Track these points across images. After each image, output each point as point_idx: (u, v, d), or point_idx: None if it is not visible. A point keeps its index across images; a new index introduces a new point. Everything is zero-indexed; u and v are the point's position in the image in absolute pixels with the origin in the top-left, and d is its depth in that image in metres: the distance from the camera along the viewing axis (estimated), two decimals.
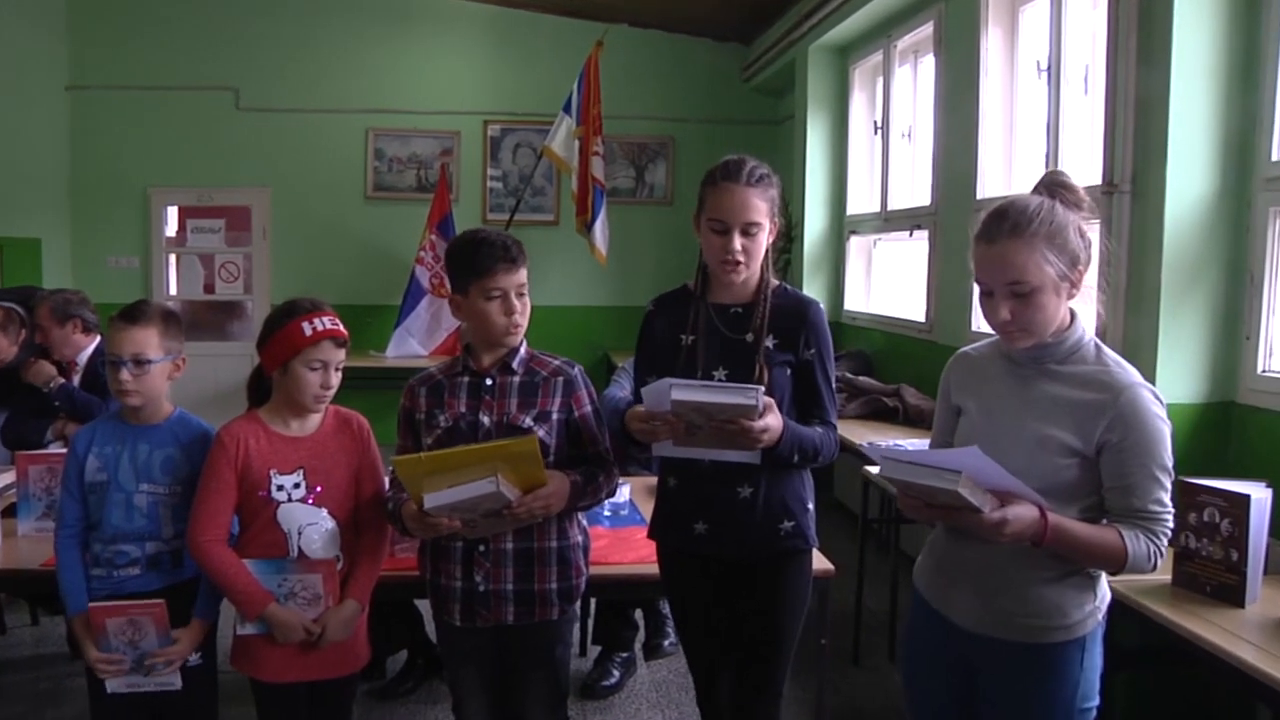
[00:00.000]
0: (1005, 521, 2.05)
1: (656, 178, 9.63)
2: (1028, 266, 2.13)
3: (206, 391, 8.47)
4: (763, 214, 2.60)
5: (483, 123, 9.37)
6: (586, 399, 2.75)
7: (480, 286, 2.63)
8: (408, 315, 8.63)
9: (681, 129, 9.58)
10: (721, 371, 2.63)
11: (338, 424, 2.84)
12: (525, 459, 2.46)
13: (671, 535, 2.81)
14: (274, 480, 2.71)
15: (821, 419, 2.68)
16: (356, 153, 9.27)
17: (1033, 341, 2.20)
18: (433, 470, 2.43)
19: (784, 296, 2.69)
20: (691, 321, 2.70)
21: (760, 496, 2.67)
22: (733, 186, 2.58)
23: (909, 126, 6.90)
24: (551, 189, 9.48)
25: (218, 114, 9.13)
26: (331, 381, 2.75)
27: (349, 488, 2.80)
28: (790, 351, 2.65)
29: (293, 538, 2.71)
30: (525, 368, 2.73)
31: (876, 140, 7.40)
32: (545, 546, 2.71)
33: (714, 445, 2.50)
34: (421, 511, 2.48)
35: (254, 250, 9.27)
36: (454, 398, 2.70)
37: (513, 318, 2.64)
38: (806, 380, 2.67)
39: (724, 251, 2.59)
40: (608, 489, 2.75)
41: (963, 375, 2.42)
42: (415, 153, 9.33)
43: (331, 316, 2.76)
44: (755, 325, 2.65)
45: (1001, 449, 2.16)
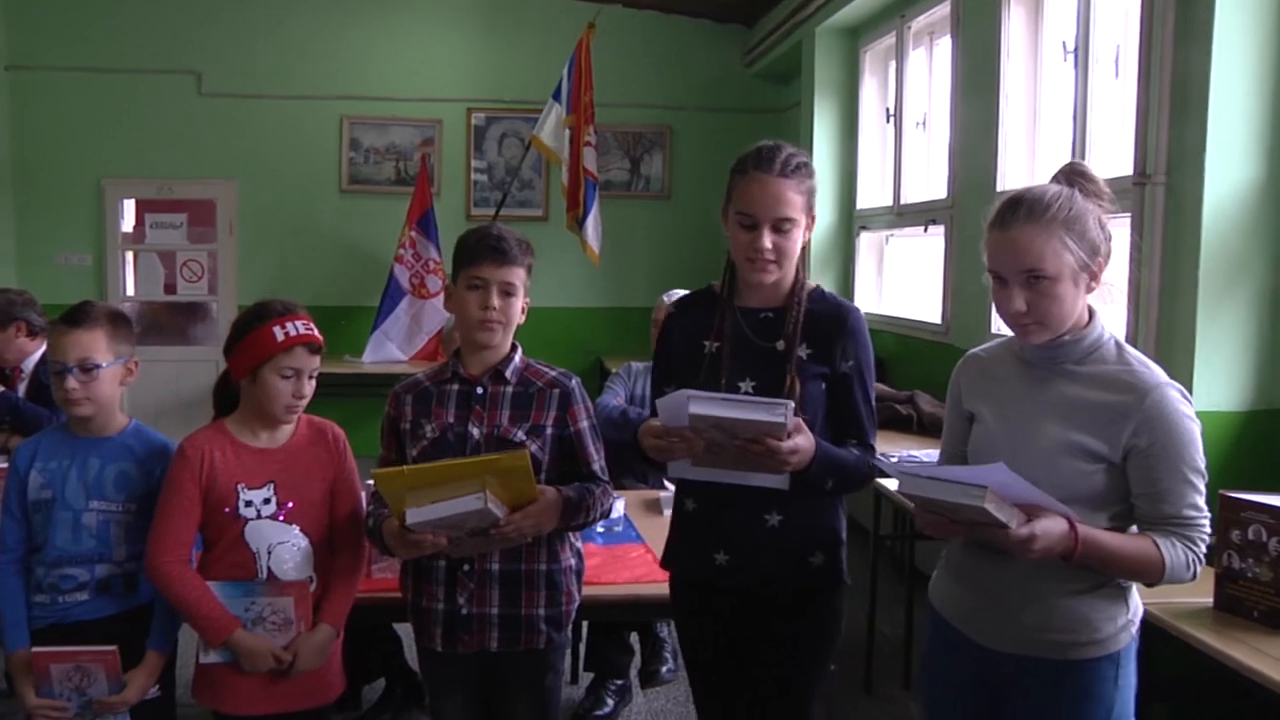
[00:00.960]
0: (1034, 537, 2.04)
1: (653, 170, 9.61)
2: (1045, 253, 2.14)
3: (166, 400, 8.43)
4: (797, 208, 2.50)
5: (466, 110, 9.34)
6: (583, 413, 2.75)
7: (465, 274, 2.67)
8: (386, 318, 8.59)
9: (679, 118, 9.56)
10: (748, 383, 2.55)
11: (311, 434, 2.83)
12: (516, 475, 2.44)
13: (688, 565, 2.72)
14: (241, 495, 2.69)
15: (859, 440, 2.59)
16: (330, 143, 9.24)
17: (1048, 336, 2.20)
18: (416, 484, 2.42)
19: (820, 301, 2.61)
20: (716, 327, 2.62)
21: (788, 525, 2.58)
22: (764, 177, 2.49)
23: (924, 114, 6.89)
24: (540, 182, 9.45)
25: (179, 100, 9.07)
26: (305, 390, 2.73)
27: (323, 503, 2.78)
28: (825, 363, 2.56)
29: (261, 558, 2.69)
30: (519, 377, 2.72)
31: (889, 129, 7.39)
32: (534, 569, 2.70)
33: (737, 466, 2.40)
34: (403, 528, 2.46)
35: (219, 248, 9.22)
36: (442, 407, 2.71)
37: (487, 311, 2.63)
38: (843, 396, 2.57)
39: (752, 249, 2.50)
40: (601, 508, 2.74)
41: (974, 379, 2.41)
42: (394, 143, 9.30)
43: (305, 320, 2.75)
44: (787, 332, 2.56)
45: (1020, 456, 2.16)
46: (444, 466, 2.45)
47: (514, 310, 2.68)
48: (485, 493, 2.40)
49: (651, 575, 3.30)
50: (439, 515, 2.41)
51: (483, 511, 2.41)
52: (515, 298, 2.67)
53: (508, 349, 2.74)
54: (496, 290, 2.64)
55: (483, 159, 9.42)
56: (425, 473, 2.44)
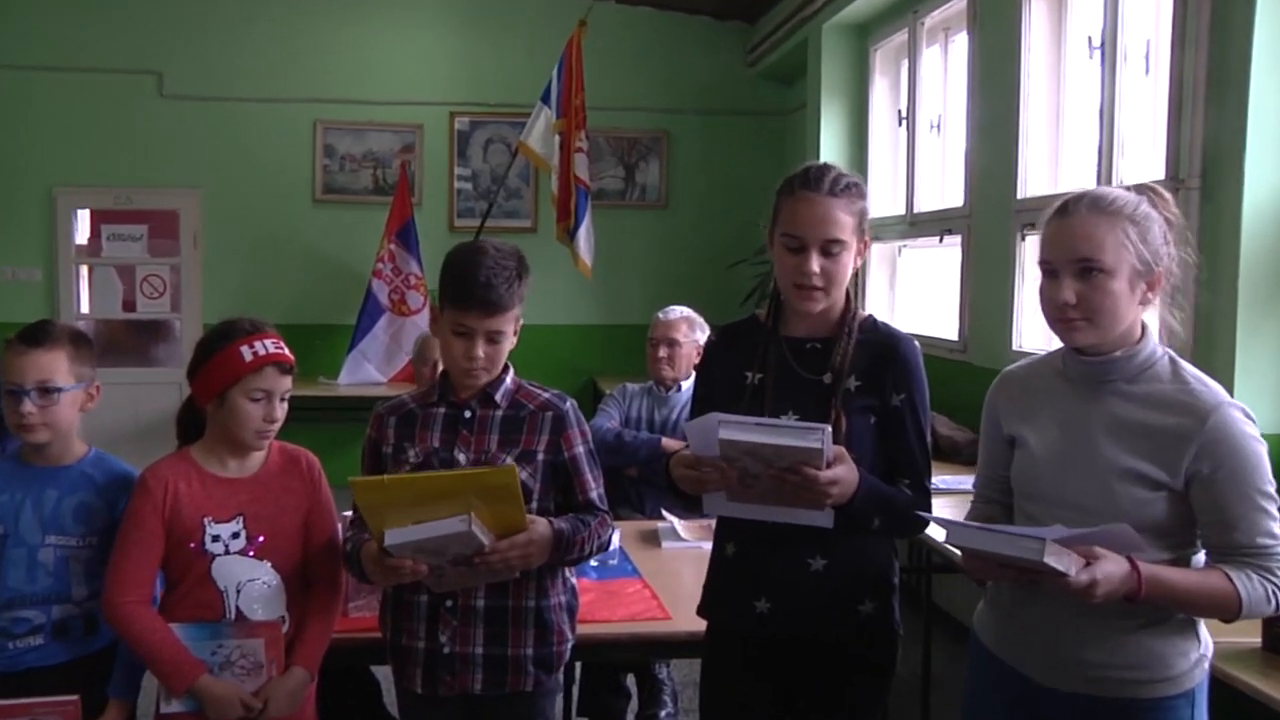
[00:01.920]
0: (1095, 583, 2.03)
1: (649, 177, 9.62)
2: (1105, 242, 2.14)
3: (125, 426, 8.37)
4: (847, 230, 2.51)
5: (449, 115, 9.36)
6: (578, 438, 2.75)
7: (449, 315, 2.67)
8: (363, 337, 8.59)
9: (677, 122, 9.57)
10: (791, 417, 2.51)
11: (284, 463, 2.82)
12: (502, 495, 2.44)
13: (727, 613, 2.70)
14: (208, 529, 2.67)
15: (912, 480, 2.57)
16: (303, 149, 9.24)
17: (1095, 338, 2.19)
18: (397, 499, 2.42)
19: (872, 331, 2.61)
20: (759, 357, 2.62)
21: (833, 569, 2.56)
22: (812, 196, 2.50)
23: (938, 116, 6.90)
24: (528, 191, 9.46)
25: (138, 102, 9.04)
26: (276, 414, 2.72)
27: (297, 537, 2.77)
28: (875, 395, 2.55)
29: (230, 596, 2.67)
30: (510, 400, 2.74)
31: (901, 132, 7.40)
32: (522, 605, 2.69)
33: (775, 501, 2.40)
34: (382, 551, 2.46)
35: (182, 262, 9.20)
36: (427, 430, 2.72)
37: (472, 363, 2.65)
38: (894, 432, 2.56)
39: (799, 272, 2.51)
40: (598, 542, 2.74)
41: (1014, 399, 2.40)
42: (371, 149, 9.30)
43: (276, 339, 2.74)
44: (835, 364, 2.55)
45: (1072, 483, 2.17)
46: (426, 479, 2.49)
47: (503, 352, 2.70)
48: (470, 515, 2.40)
49: (649, 612, 3.29)
50: (420, 537, 2.41)
51: (467, 535, 2.41)
52: (505, 339, 2.69)
53: (499, 371, 2.74)
54: (483, 340, 2.65)
55: (467, 166, 9.42)
56: (406, 484, 2.46)
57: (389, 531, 2.42)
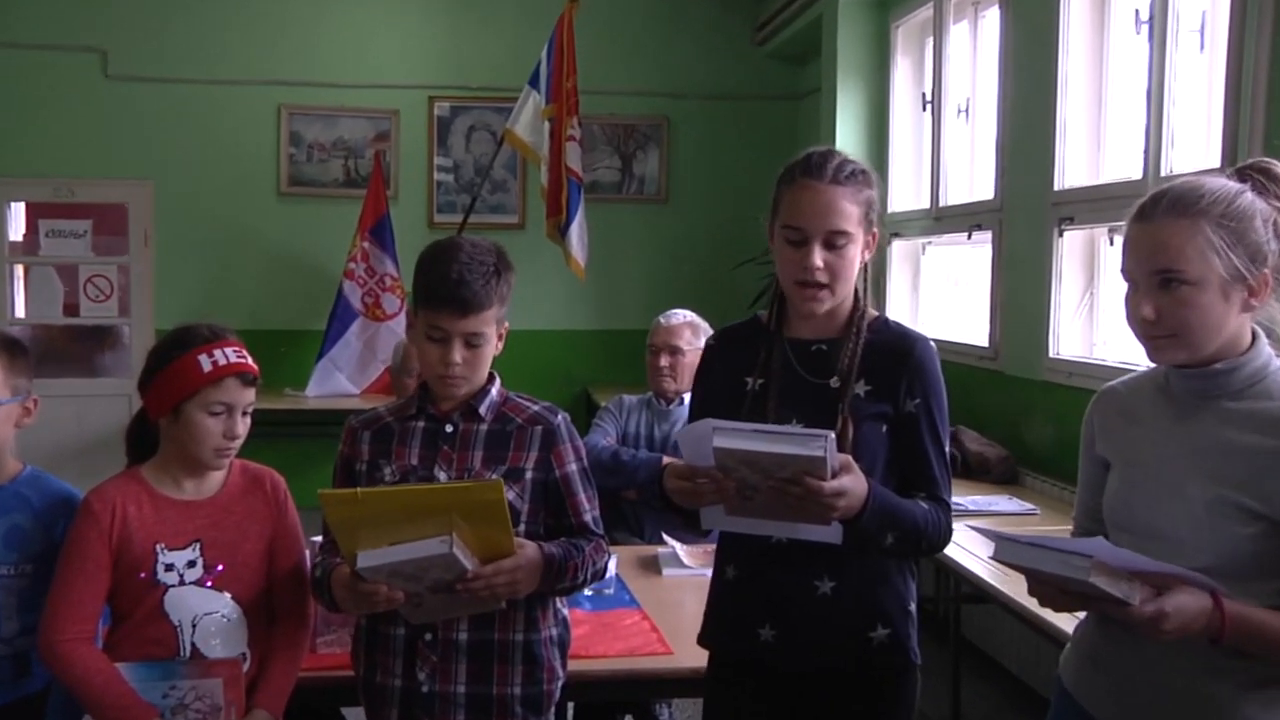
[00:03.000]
0: (1163, 615, 1.97)
1: (647, 169, 9.64)
2: (1184, 251, 2.07)
3: (67, 443, 8.36)
4: (853, 221, 2.53)
5: (428, 99, 9.37)
6: (570, 455, 2.75)
7: (423, 317, 2.67)
8: (334, 344, 8.58)
9: (678, 107, 9.59)
10: (796, 425, 2.53)
11: (246, 483, 2.81)
12: (487, 513, 2.43)
13: (728, 642, 2.72)
14: (161, 557, 2.66)
15: (929, 492, 2.58)
16: (266, 137, 9.24)
17: (1184, 356, 2.14)
18: (371, 515, 2.41)
19: (883, 331, 2.63)
20: (761, 361, 2.65)
21: (845, 592, 2.57)
22: (814, 185, 2.52)
23: (967, 100, 6.91)
24: (515, 184, 9.47)
25: (80, 83, 9.02)
26: (238, 429, 2.71)
27: (260, 565, 2.76)
28: (887, 401, 2.57)
29: (184, 632, 2.65)
30: (496, 413, 2.74)
31: (925, 118, 7.41)
32: (508, 639, 2.69)
33: (777, 514, 2.41)
34: (354, 575, 2.46)
35: (132, 261, 9.20)
36: (404, 446, 2.72)
37: (449, 370, 2.65)
38: (908, 440, 2.58)
39: (800, 268, 2.53)
40: (594, 568, 2.73)
41: (1109, 418, 2.36)
42: (342, 137, 9.31)
43: (238, 347, 2.73)
44: (842, 367, 2.58)
45: (1160, 514, 2.13)
46: (405, 492, 2.51)
47: (484, 358, 2.69)
48: (452, 535, 2.39)
49: (649, 647, 3.29)
50: (396, 559, 2.40)
51: (448, 558, 2.40)
52: (485, 344, 2.68)
53: (483, 380, 2.74)
54: (460, 344, 2.64)
55: (448, 156, 9.43)
56: (382, 499, 2.46)
57: (362, 553, 2.41)
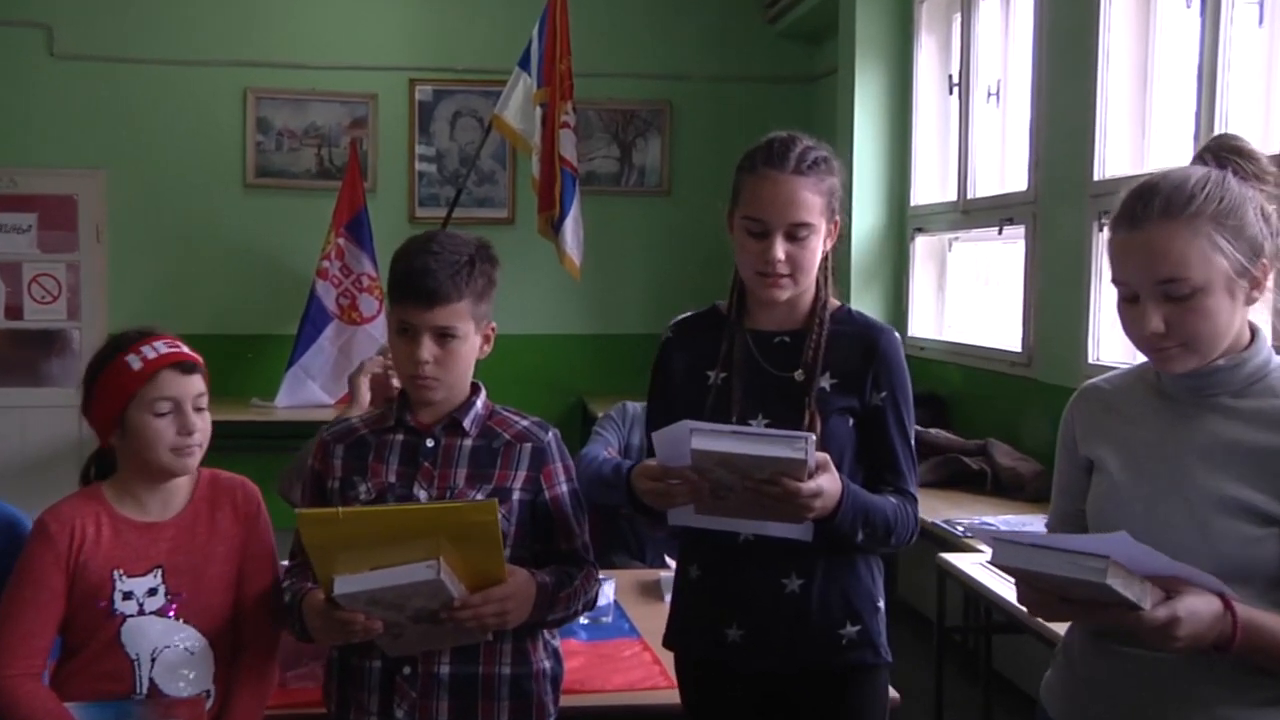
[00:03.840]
0: (1176, 620, 1.98)
1: (648, 158, 9.64)
2: (1188, 256, 2.10)
3: (10, 459, 8.36)
4: (815, 211, 2.67)
5: (408, 82, 9.36)
6: (561, 475, 2.78)
7: (393, 315, 2.71)
8: (306, 349, 8.54)
9: (682, 91, 9.59)
10: (761, 420, 2.71)
11: (213, 497, 2.80)
12: (478, 536, 2.43)
13: (695, 644, 2.86)
14: (119, 585, 2.65)
15: (896, 486, 2.75)
16: (231, 123, 9.22)
17: (1196, 363, 2.17)
18: (351, 536, 2.41)
19: (846, 322, 2.80)
20: (723, 354, 2.78)
21: (814, 590, 2.71)
22: (775, 175, 2.66)
23: (998, 82, 6.91)
24: (504, 175, 9.47)
25: (23, 62, 8.97)
26: (192, 424, 2.68)
27: (227, 591, 2.76)
28: (854, 395, 2.73)
29: (142, 666, 2.65)
30: (481, 428, 2.75)
31: (952, 102, 7.42)
32: (495, 673, 2.69)
33: (749, 513, 2.54)
34: (329, 602, 2.45)
35: (83, 258, 9.17)
36: (381, 462, 2.72)
37: (419, 368, 2.65)
38: (875, 434, 2.75)
39: (762, 260, 2.67)
40: (584, 599, 2.77)
41: (1095, 417, 2.39)
42: (315, 123, 9.30)
43: (169, 340, 2.72)
44: (806, 359, 2.73)
45: (1160, 516, 2.15)
46: (390, 512, 2.52)
47: (459, 358, 2.69)
48: (439, 560, 2.39)
49: (650, 679, 3.30)
50: (376, 586, 2.40)
51: (433, 584, 2.39)
52: (460, 341, 2.68)
53: (466, 391, 2.75)
54: (429, 339, 2.65)
55: (430, 145, 9.43)
56: (365, 519, 2.47)
57: (339, 579, 2.41)
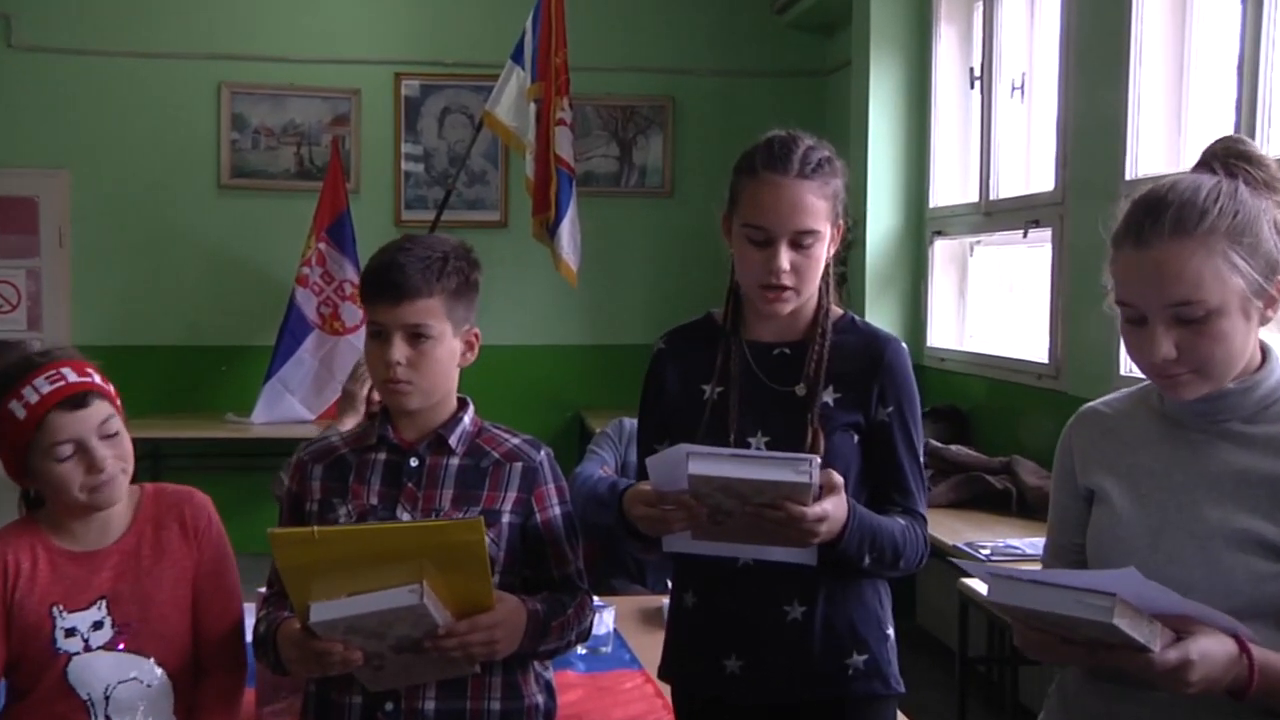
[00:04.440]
0: (1188, 663, 1.97)
1: (649, 157, 9.65)
2: (1203, 277, 2.08)
3: None
4: (821, 217, 2.66)
5: (394, 76, 9.37)
6: (554, 497, 2.78)
7: (367, 317, 2.73)
8: (285, 361, 8.53)
9: (685, 86, 9.60)
10: (760, 437, 2.70)
11: (157, 515, 2.78)
12: (464, 558, 2.42)
13: (691, 676, 2.84)
14: (59, 621, 2.64)
15: (904, 506, 2.73)
16: (204, 120, 9.23)
17: (1208, 389, 2.16)
18: (329, 559, 2.39)
19: (850, 332, 2.79)
20: (719, 367, 2.78)
21: (817, 618, 2.69)
22: (778, 179, 2.66)
23: (1022, 75, 6.91)
24: (497, 175, 9.48)
25: None
26: (101, 460, 2.63)
27: (182, 615, 2.74)
28: (858, 410, 2.72)
29: (96, 707, 2.64)
30: (469, 446, 2.75)
31: (974, 97, 7.42)
32: (483, 708, 2.68)
33: (750, 538, 2.53)
34: (305, 630, 2.43)
35: (44, 264, 9.17)
36: (362, 483, 2.72)
37: (391, 370, 2.64)
38: (882, 451, 2.74)
39: (765, 271, 2.66)
40: (579, 629, 2.77)
41: (1095, 443, 2.39)
42: (294, 120, 9.31)
43: (53, 370, 2.62)
44: (808, 372, 2.73)
45: (1166, 551, 2.15)
46: (369, 532, 2.50)
47: (434, 360, 2.67)
48: (422, 584, 2.38)
49: (654, 714, 3.31)
50: (355, 613, 2.38)
51: (416, 610, 2.38)
52: (434, 342, 2.66)
53: (452, 406, 2.75)
54: (400, 337, 2.64)
55: (417, 143, 9.44)
56: (343, 539, 2.43)
57: (315, 605, 2.39)
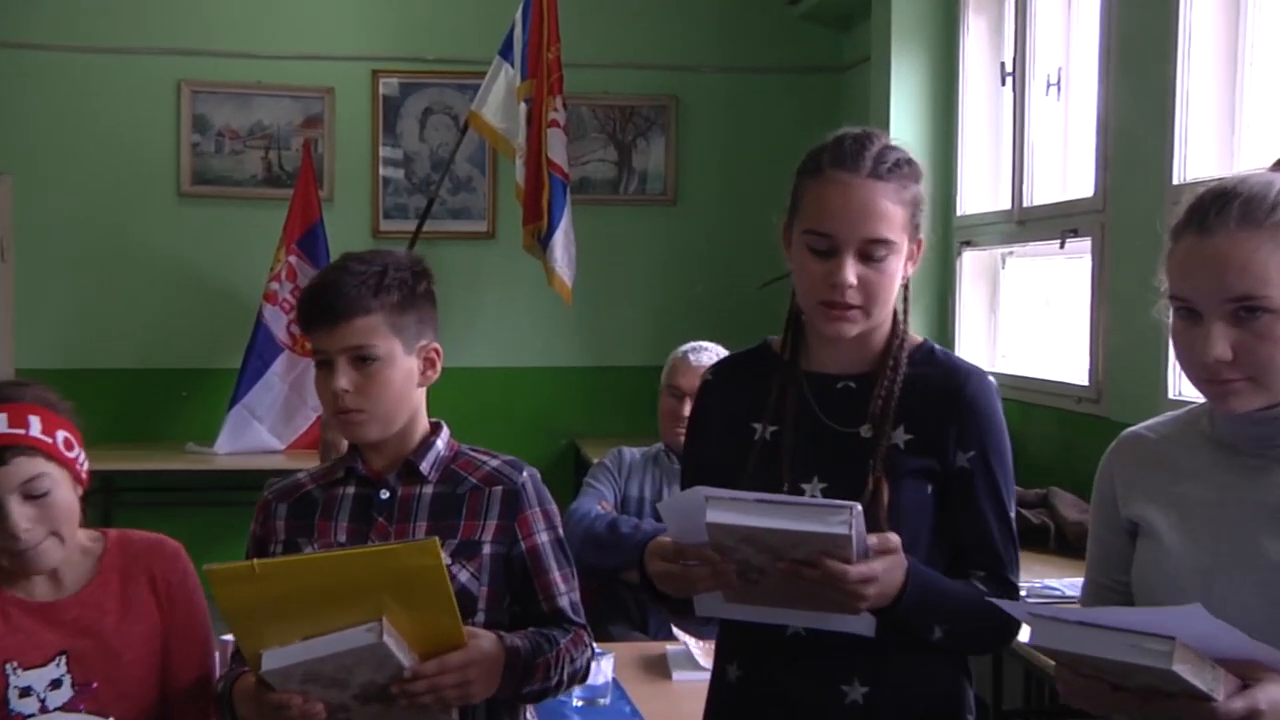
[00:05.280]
0: (1256, 714, 1.97)
1: (650, 161, 9.65)
2: (1269, 273, 2.12)
3: None
4: (895, 225, 2.54)
5: (371, 74, 9.39)
6: (540, 522, 2.79)
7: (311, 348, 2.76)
8: (252, 386, 8.50)
9: (689, 84, 9.61)
10: (816, 484, 2.60)
11: (125, 565, 2.79)
12: (424, 587, 2.42)
13: None
14: (12, 680, 2.65)
15: (991, 570, 2.63)
16: (163, 121, 9.22)
17: (1261, 401, 2.17)
18: (275, 597, 2.39)
19: (928, 364, 2.69)
20: (773, 402, 2.67)
21: (881, 700, 2.58)
22: (848, 179, 2.53)
23: (1059, 71, 6.90)
24: (484, 181, 9.48)
25: None
26: (16, 526, 2.61)
27: (150, 674, 2.76)
28: (933, 455, 2.61)
29: None
30: (443, 472, 2.77)
31: (1005, 95, 7.42)
32: None
33: (790, 601, 2.43)
34: (260, 682, 2.44)
35: None
36: (329, 519, 2.75)
37: (340, 401, 2.66)
38: (961, 504, 2.62)
39: (827, 285, 2.53)
40: (571, 667, 2.76)
41: (1138, 471, 2.41)
42: (261, 122, 9.31)
43: None
44: (875, 410, 2.61)
45: (1222, 589, 2.16)
46: (315, 562, 2.52)
47: (384, 383, 2.69)
48: (382, 621, 2.37)
49: None
50: (310, 657, 2.38)
51: (378, 651, 2.38)
52: (381, 363, 2.68)
53: (423, 430, 2.77)
54: (344, 365, 2.66)
55: (397, 147, 9.45)
56: (287, 572, 2.44)
57: (268, 654, 2.40)
